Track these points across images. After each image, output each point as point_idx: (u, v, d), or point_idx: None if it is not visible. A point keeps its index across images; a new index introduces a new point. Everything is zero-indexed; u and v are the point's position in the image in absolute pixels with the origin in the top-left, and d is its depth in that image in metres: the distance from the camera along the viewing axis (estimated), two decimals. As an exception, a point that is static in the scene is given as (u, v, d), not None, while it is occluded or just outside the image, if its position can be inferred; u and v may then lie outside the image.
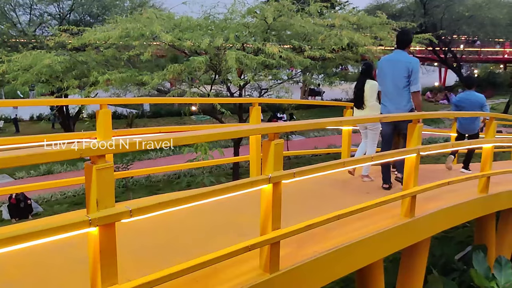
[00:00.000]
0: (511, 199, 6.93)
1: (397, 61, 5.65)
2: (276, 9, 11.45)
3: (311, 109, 28.73)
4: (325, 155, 15.67)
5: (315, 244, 3.67)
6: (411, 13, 26.02)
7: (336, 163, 3.52)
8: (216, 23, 12.01)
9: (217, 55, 11.18)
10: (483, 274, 6.92)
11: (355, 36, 11.12)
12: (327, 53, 11.05)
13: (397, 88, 5.64)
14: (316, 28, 11.72)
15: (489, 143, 5.74)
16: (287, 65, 11.56)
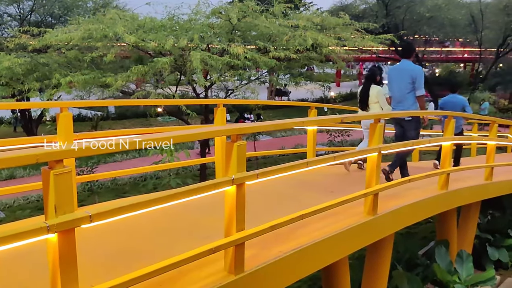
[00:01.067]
0: (470, 195, 7.15)
1: (403, 69, 6.45)
2: (241, 10, 11.47)
3: (278, 109, 28.90)
4: (292, 155, 15.78)
5: (280, 244, 3.70)
6: (374, 14, 26.45)
7: (299, 163, 3.55)
8: (180, 24, 11.94)
9: (182, 56, 11.11)
10: (445, 269, 7.14)
11: (319, 37, 11.24)
12: (292, 54, 11.14)
13: (403, 93, 6.39)
14: (281, 29, 11.80)
15: (447, 141, 5.91)
16: (253, 65, 11.60)
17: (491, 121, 7.80)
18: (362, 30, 13.76)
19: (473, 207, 8.04)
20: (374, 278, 5.84)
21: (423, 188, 6.01)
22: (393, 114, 6.18)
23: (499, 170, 8.25)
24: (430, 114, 7.52)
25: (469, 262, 7.47)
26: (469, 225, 8.22)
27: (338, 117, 4.20)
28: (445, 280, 6.97)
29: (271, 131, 21.13)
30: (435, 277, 7.12)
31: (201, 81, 10.39)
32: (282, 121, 3.51)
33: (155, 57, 10.94)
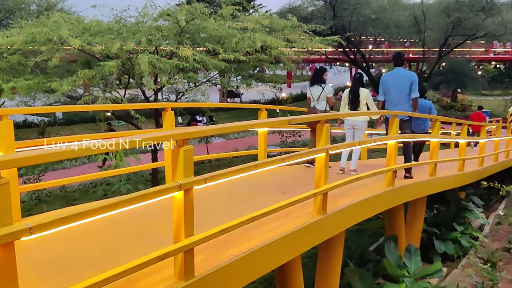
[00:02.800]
0: (415, 191, 7.40)
1: (400, 75, 7.25)
2: (189, 12, 11.38)
3: (230, 111, 28.90)
4: (245, 156, 15.82)
5: (232, 247, 3.69)
6: (322, 16, 26.93)
7: (248, 166, 3.56)
8: (127, 27, 11.71)
9: (129, 59, 10.90)
10: (394, 263, 7.33)
11: (268, 39, 11.33)
12: (242, 56, 11.16)
13: (401, 96, 7.20)
14: (230, 31, 11.79)
15: (392, 140, 6.09)
16: (202, 68, 11.54)
17: (434, 119, 8.10)
18: (310, 32, 13.97)
19: (420, 202, 8.32)
20: (326, 276, 5.94)
21: (371, 186, 6.18)
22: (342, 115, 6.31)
23: (443, 165, 8.59)
24: (367, 114, 7.76)
25: (417, 256, 7.71)
26: (416, 220, 8.50)
27: (286, 119, 4.25)
28: (395, 275, 7.17)
29: (224, 133, 21.09)
30: (385, 272, 7.29)
31: (149, 84, 10.24)
32: (229, 125, 3.51)
33: (103, 60, 10.68)
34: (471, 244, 9.19)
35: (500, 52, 45.49)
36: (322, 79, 7.77)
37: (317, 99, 7.68)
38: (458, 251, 9.06)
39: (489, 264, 7.66)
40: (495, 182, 8.50)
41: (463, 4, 28.36)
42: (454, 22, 28.41)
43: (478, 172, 10.09)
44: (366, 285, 6.57)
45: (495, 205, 12.38)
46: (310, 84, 7.85)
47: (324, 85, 7.70)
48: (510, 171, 11.66)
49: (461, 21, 28.19)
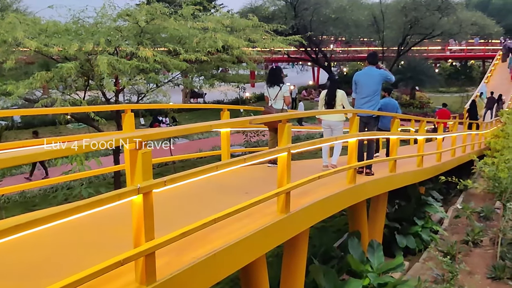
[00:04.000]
0: (376, 187, 7.54)
1: (372, 74, 7.62)
2: (149, 12, 11.22)
3: (194, 111, 28.68)
4: (210, 157, 15.74)
5: (194, 250, 3.66)
6: (283, 16, 27.12)
7: (209, 167, 3.53)
8: (86, 28, 11.44)
9: (88, 61, 10.66)
10: (358, 259, 7.45)
11: (229, 39, 11.29)
12: (203, 56, 11.09)
13: (372, 93, 7.55)
14: (191, 31, 11.70)
15: (352, 138, 6.18)
16: (163, 68, 11.40)
17: (393, 117, 8.27)
18: (271, 32, 14.02)
19: (381, 198, 8.48)
20: (292, 274, 5.97)
21: (333, 183, 6.25)
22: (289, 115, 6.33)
23: (403, 161, 8.79)
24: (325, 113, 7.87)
25: (379, 251, 7.86)
26: (378, 215, 8.66)
27: (247, 119, 4.24)
28: (359, 270, 7.28)
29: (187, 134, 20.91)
30: (349, 267, 7.40)
31: (109, 85, 10.03)
32: (189, 126, 3.47)
33: (61, 62, 10.40)
34: (432, 238, 9.42)
35: (456, 50, 46.97)
36: (279, 79, 7.83)
37: (274, 98, 7.73)
38: (419, 245, 9.26)
39: (448, 257, 7.86)
40: (452, 176, 8.80)
41: (419, 4, 29.11)
42: (412, 21, 29.13)
43: (436, 167, 10.37)
44: (330, 282, 6.65)
45: (454, 199, 12.74)
46: (267, 84, 7.88)
47: (281, 85, 7.76)
48: (467, 166, 12.02)
49: (418, 20, 28.93)
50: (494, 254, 8.36)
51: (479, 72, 47.80)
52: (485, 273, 7.91)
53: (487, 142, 15.26)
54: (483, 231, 9.35)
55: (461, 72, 49.32)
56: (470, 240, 9.15)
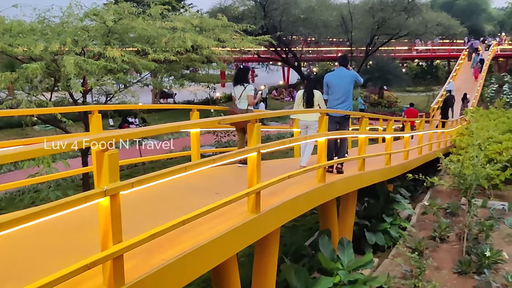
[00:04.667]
0: (346, 185, 7.63)
1: (343, 75, 7.84)
2: (116, 12, 11.08)
3: (164, 111, 28.42)
4: (180, 158, 15.62)
5: (164, 252, 3.62)
6: (253, 16, 27.14)
7: (178, 168, 3.50)
8: (52, 27, 11.20)
9: (54, 61, 10.45)
10: (329, 257, 7.52)
11: (198, 39, 11.26)
12: (172, 56, 11.01)
13: (345, 94, 7.77)
14: (160, 31, 11.61)
15: (322, 137, 6.24)
16: (131, 69, 11.27)
17: (361, 116, 8.38)
18: (241, 32, 14.03)
19: (351, 196, 8.58)
20: (263, 273, 5.98)
21: (303, 182, 6.29)
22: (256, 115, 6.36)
23: (372, 160, 8.93)
24: (293, 113, 7.94)
25: (349, 249, 7.94)
26: (348, 213, 8.76)
27: (215, 119, 4.23)
28: (329, 268, 7.35)
29: (158, 134, 20.70)
30: (320, 265, 7.46)
31: (76, 86, 9.85)
32: (156, 127, 3.44)
33: (26, 63, 10.15)
34: (400, 234, 9.58)
35: (422, 50, 48.05)
36: (245, 79, 7.91)
37: (239, 98, 7.79)
38: (388, 241, 9.41)
39: (416, 253, 8.03)
40: (419, 174, 8.98)
41: (386, 5, 29.60)
42: (379, 22, 29.59)
43: (404, 165, 10.57)
44: (301, 280, 6.69)
45: (421, 196, 13.00)
46: (234, 83, 7.95)
47: (246, 85, 7.82)
48: (434, 164, 12.30)
49: (385, 21, 29.40)
50: (460, 249, 8.56)
51: (444, 72, 49.00)
52: (452, 268, 8.09)
53: (452, 140, 15.66)
54: (449, 227, 9.56)
55: (427, 71, 50.44)
56: (437, 236, 9.34)
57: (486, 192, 11.88)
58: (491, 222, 9.51)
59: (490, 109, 19.67)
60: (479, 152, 8.53)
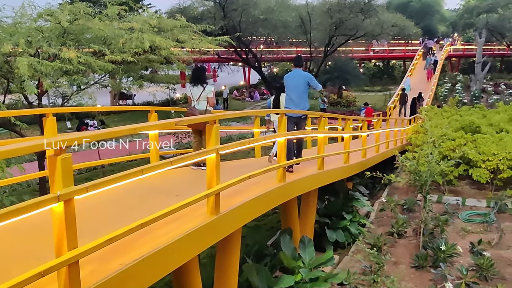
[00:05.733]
0: (306, 184, 7.73)
1: (297, 76, 8.07)
2: (71, 12, 10.82)
3: (124, 113, 27.95)
4: (141, 160, 15.40)
5: (122, 256, 3.57)
6: (212, 16, 27.00)
7: (134, 171, 3.46)
8: (4, 28, 10.82)
9: (7, 63, 10.10)
10: (290, 255, 7.59)
11: (157, 39, 11.13)
12: (130, 57, 10.85)
13: (300, 95, 8.01)
14: (117, 32, 11.40)
15: (282, 137, 6.29)
16: (88, 70, 11.02)
17: (319, 116, 8.51)
18: (200, 32, 13.97)
19: (311, 195, 8.69)
20: (225, 274, 5.99)
21: (263, 182, 6.33)
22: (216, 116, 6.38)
23: (331, 158, 9.08)
24: (255, 113, 7.98)
25: (310, 247, 8.04)
26: (309, 212, 8.88)
27: (172, 120, 4.20)
28: (291, 266, 7.42)
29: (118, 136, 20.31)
30: (282, 264, 7.53)
31: (31, 88, 9.55)
32: (112, 129, 3.39)
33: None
34: (360, 231, 9.78)
35: (379, 51, 49.18)
36: (202, 78, 7.79)
37: (197, 99, 7.68)
38: (348, 238, 9.58)
39: (375, 249, 8.22)
40: (377, 171, 9.19)
41: (343, 6, 30.06)
42: (337, 22, 30.02)
43: (362, 163, 10.80)
44: (263, 280, 6.73)
45: (379, 193, 13.29)
46: (190, 83, 7.80)
47: (205, 85, 7.72)
48: (391, 161, 12.60)
49: (342, 22, 29.86)
50: (417, 244, 8.81)
51: (400, 72, 50.27)
52: (409, 262, 8.32)
53: (408, 138, 16.11)
54: (406, 223, 9.82)
55: (384, 71, 51.64)
56: (395, 231, 9.58)
57: (441, 187, 12.28)
58: (446, 217, 9.85)
59: (443, 107, 20.35)
60: (434, 149, 8.80)
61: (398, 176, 10.32)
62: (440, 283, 7.35)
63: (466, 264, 7.88)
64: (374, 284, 7.40)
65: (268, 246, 8.66)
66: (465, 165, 12.12)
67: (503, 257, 8.37)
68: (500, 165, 11.43)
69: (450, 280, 7.38)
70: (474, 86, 33.81)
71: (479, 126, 13.51)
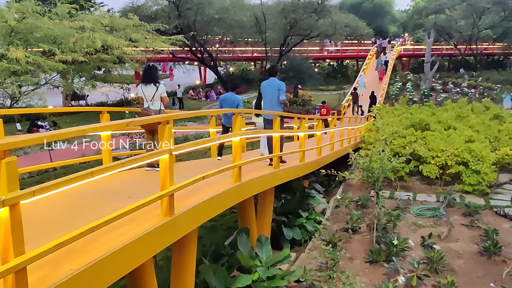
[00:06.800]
0: (262, 184, 7.77)
1: (272, 84, 9.08)
2: (19, 10, 10.47)
3: (76, 114, 27.23)
4: (94, 162, 15.04)
5: (72, 261, 3.48)
6: (166, 15, 26.73)
7: (83, 174, 3.38)
8: None
9: (-51, 63, 9.68)
10: (247, 254, 7.61)
11: (109, 38, 10.95)
12: (81, 56, 10.61)
13: (273, 100, 9.01)
14: (67, 31, 11.15)
15: (237, 137, 6.30)
16: (37, 70, 10.70)
17: (275, 116, 8.57)
18: (153, 31, 13.81)
19: (268, 194, 8.74)
20: (181, 276, 5.93)
21: (219, 183, 6.32)
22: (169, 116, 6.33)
23: (287, 157, 9.16)
24: (206, 113, 7.98)
25: (267, 245, 8.09)
26: (265, 210, 8.92)
27: (123, 121, 4.13)
28: (248, 265, 7.44)
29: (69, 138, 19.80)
30: (239, 264, 7.53)
31: (-27, 90, 9.20)
32: (60, 131, 3.29)
33: None
34: (316, 228, 9.91)
35: (333, 51, 50.05)
36: (154, 78, 7.63)
37: (151, 99, 7.53)
38: (304, 236, 9.69)
39: (330, 245, 8.36)
40: (332, 169, 9.36)
41: (298, 6, 30.43)
42: (291, 23, 30.37)
43: (317, 161, 10.96)
44: (220, 280, 6.71)
45: (335, 190, 13.52)
46: (142, 83, 7.60)
47: (158, 85, 7.57)
48: (346, 159, 12.85)
49: (297, 22, 30.23)
50: (370, 239, 9.02)
51: (354, 71, 51.34)
52: (364, 257, 8.51)
53: (361, 136, 16.49)
54: (360, 219, 10.04)
55: (338, 71, 52.55)
56: (349, 227, 9.76)
57: (393, 184, 12.63)
58: (397, 212, 10.14)
59: (395, 106, 20.95)
60: (385, 146, 9.04)
61: (352, 173, 10.53)
62: (393, 277, 7.55)
63: (417, 257, 8.14)
64: (330, 280, 7.51)
65: (226, 246, 8.64)
66: (416, 161, 12.54)
67: (452, 250, 8.70)
68: (448, 161, 11.89)
69: (402, 273, 7.60)
70: (423, 85, 34.97)
71: (428, 124, 13.98)
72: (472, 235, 9.37)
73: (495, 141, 13.76)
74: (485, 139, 13.26)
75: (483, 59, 52.29)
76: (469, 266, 8.09)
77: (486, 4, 46.32)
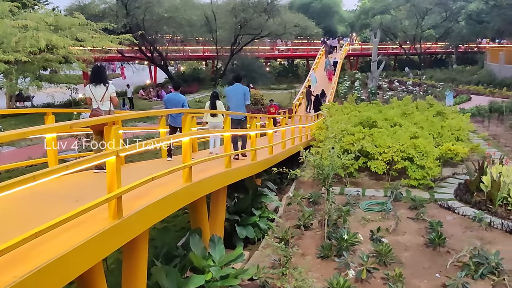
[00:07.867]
0: (214, 183, 7.76)
1: (237, 89, 10.22)
2: (-46, 7, 9.98)
3: (22, 115, 26.18)
4: (41, 165, 14.54)
5: (16, 268, 3.36)
6: (114, 14, 26.19)
7: (25, 178, 3.27)
8: None
9: None
10: (200, 255, 7.57)
11: (54, 38, 10.60)
12: (24, 56, 10.22)
13: (239, 105, 10.16)
14: (9, 30, 10.70)
15: (187, 137, 6.27)
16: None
17: (226, 116, 8.58)
18: (100, 30, 13.50)
19: (220, 193, 8.73)
20: (133, 278, 5.84)
21: (170, 183, 6.26)
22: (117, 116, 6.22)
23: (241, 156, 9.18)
24: (155, 113, 7.91)
25: (220, 245, 8.07)
26: (218, 210, 8.90)
27: (67, 123, 4.02)
28: (201, 266, 7.40)
29: (15, 140, 19.05)
30: (192, 264, 7.48)
31: None
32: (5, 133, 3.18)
33: None
34: (269, 226, 9.99)
35: (283, 50, 50.55)
36: (104, 78, 7.50)
37: (100, 99, 7.39)
38: (258, 234, 9.75)
39: (283, 242, 8.46)
40: (283, 167, 9.47)
41: (247, 6, 30.55)
42: (241, 22, 30.45)
43: (269, 160, 11.05)
44: (173, 281, 6.65)
45: (287, 188, 13.66)
46: (91, 83, 7.44)
47: (107, 84, 7.45)
48: (297, 156, 13.02)
49: (247, 21, 30.34)
50: (322, 235, 9.19)
51: (304, 70, 52.06)
52: (315, 253, 8.65)
53: (312, 134, 16.75)
54: (312, 215, 10.20)
55: (288, 70, 53.11)
56: (301, 224, 9.90)
57: (343, 180, 12.91)
58: (347, 207, 10.38)
59: (344, 104, 21.41)
60: (335, 144, 9.23)
61: (304, 171, 10.67)
62: (344, 271, 7.73)
63: (367, 251, 8.36)
64: (283, 277, 7.60)
65: (178, 247, 8.56)
66: (364, 157, 12.88)
67: (400, 243, 9.00)
68: (395, 157, 12.28)
69: (352, 267, 7.78)
70: (370, 83, 35.91)
71: (375, 121, 14.37)
72: (418, 227, 9.72)
73: (438, 137, 14.32)
74: (429, 135, 13.76)
75: (426, 58, 54.38)
76: (416, 258, 8.40)
77: (428, 5, 48.23)
